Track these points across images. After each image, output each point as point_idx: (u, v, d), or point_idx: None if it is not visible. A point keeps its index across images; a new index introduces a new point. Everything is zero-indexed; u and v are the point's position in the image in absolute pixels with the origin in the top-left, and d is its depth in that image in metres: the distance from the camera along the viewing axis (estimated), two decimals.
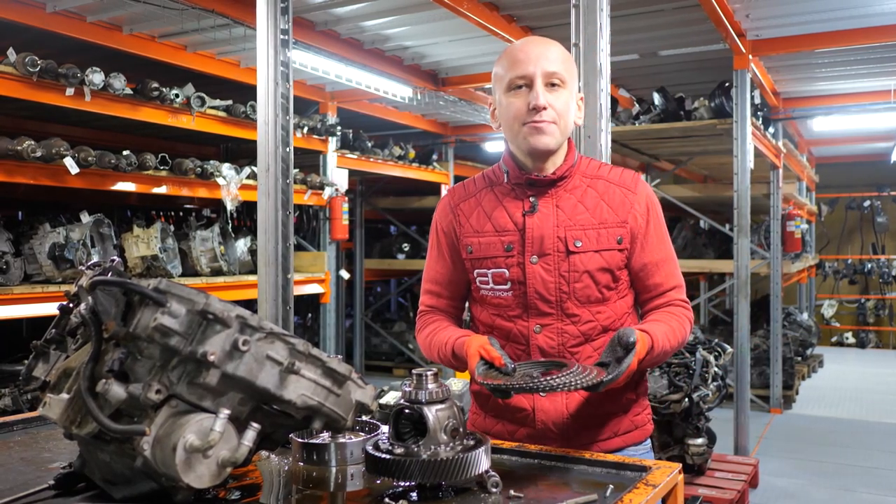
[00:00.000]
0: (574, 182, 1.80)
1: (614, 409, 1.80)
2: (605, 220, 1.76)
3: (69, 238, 4.31)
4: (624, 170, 1.86)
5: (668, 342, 1.70)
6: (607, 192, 1.79)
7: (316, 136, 6.29)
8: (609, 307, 1.78)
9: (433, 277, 1.92)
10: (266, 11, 3.22)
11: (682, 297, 1.83)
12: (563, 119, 1.75)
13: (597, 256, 1.74)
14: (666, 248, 1.82)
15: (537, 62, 1.73)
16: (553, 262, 1.74)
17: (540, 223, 1.75)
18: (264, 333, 1.22)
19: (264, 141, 3.24)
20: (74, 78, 4.06)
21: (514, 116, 1.75)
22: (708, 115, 5.72)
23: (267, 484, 1.49)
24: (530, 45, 1.77)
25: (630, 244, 1.78)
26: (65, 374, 1.28)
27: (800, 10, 4.93)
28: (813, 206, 10.92)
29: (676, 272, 1.84)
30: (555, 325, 1.75)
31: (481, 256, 1.81)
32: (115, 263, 1.38)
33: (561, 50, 1.79)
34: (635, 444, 1.84)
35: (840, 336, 12.46)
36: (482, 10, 4.57)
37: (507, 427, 1.83)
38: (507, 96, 1.76)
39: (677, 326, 1.76)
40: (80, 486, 1.34)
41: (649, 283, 1.81)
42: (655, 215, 1.81)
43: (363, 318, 9.26)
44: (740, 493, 4.39)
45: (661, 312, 1.80)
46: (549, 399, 1.77)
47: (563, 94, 1.75)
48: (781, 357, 7.15)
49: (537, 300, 1.75)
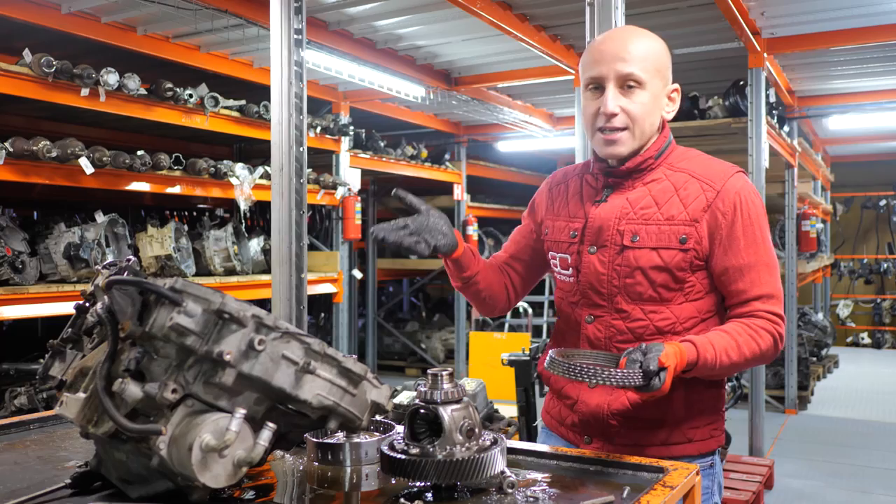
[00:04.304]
0: (655, 174, 1.72)
1: (659, 415, 1.70)
2: (672, 217, 1.66)
3: (84, 238, 4.34)
4: (719, 163, 1.73)
5: (726, 357, 1.56)
6: (685, 186, 1.69)
7: (329, 135, 6.30)
8: (669, 308, 1.68)
9: (512, 237, 2.01)
10: (280, 11, 3.22)
11: (770, 307, 1.65)
12: (637, 123, 1.68)
13: (653, 254, 1.66)
14: (757, 251, 1.66)
15: (611, 63, 1.66)
16: (609, 255, 1.71)
17: (603, 214, 1.73)
18: (280, 333, 1.22)
19: (278, 141, 3.25)
20: (89, 78, 4.09)
21: (587, 119, 1.74)
22: (722, 113, 5.69)
23: (281, 484, 1.49)
24: (608, 42, 1.71)
25: (704, 245, 1.65)
26: (81, 374, 1.28)
27: (815, 7, 4.89)
28: (828, 205, 10.84)
29: (767, 279, 1.66)
30: (605, 318, 1.73)
31: (553, 239, 1.84)
32: (130, 263, 1.39)
33: (644, 44, 1.70)
34: (688, 457, 1.70)
35: (855, 336, 12.36)
36: (495, 8, 4.55)
37: (563, 411, 1.84)
38: (584, 94, 1.74)
39: (747, 341, 1.60)
40: (97, 485, 1.35)
41: (732, 288, 1.67)
42: (745, 215, 1.66)
43: (376, 317, 9.26)
44: (755, 495, 4.36)
45: (734, 322, 1.65)
46: (593, 392, 1.74)
47: (639, 94, 1.67)
48: (796, 357, 7.11)
49: (590, 291, 1.74)
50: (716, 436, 1.77)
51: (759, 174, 5.47)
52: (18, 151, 3.87)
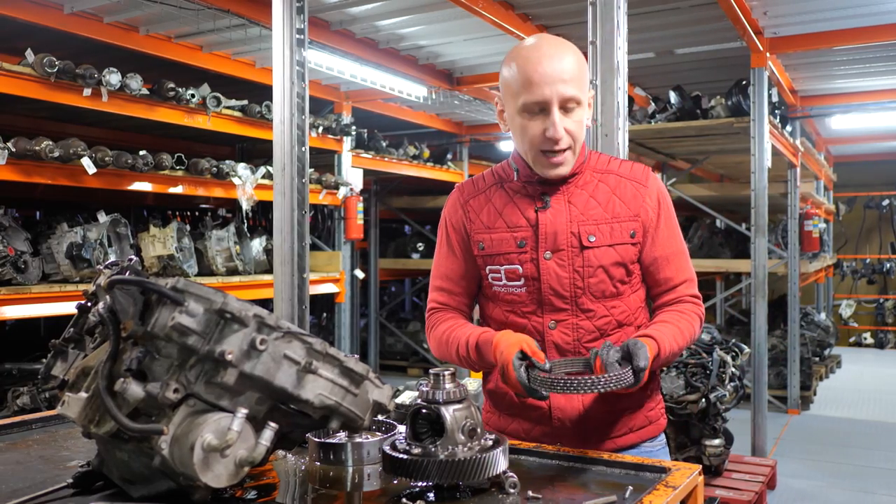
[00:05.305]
0: (585, 178, 1.78)
1: (629, 405, 1.79)
2: (617, 215, 1.75)
3: (86, 238, 4.34)
4: (634, 163, 1.84)
5: (675, 344, 1.68)
6: (619, 186, 1.77)
7: (331, 135, 6.30)
8: (623, 301, 1.77)
9: (444, 274, 1.88)
10: (282, 11, 3.23)
11: (693, 291, 1.81)
12: (578, 140, 1.72)
13: (611, 251, 1.73)
14: (677, 241, 1.81)
15: (553, 85, 1.63)
16: (567, 258, 1.73)
17: (553, 219, 1.74)
18: (282, 333, 1.22)
19: (280, 140, 3.25)
20: (92, 78, 4.09)
21: (529, 141, 1.70)
22: (725, 113, 5.68)
23: (283, 483, 1.49)
24: (545, 63, 1.65)
25: (642, 238, 1.76)
26: (83, 373, 1.28)
27: (818, 7, 4.88)
28: (831, 204, 10.83)
29: (687, 266, 1.82)
30: (570, 321, 1.74)
31: (493, 253, 1.79)
32: (132, 263, 1.39)
33: (574, 60, 1.68)
34: (650, 439, 1.83)
35: (858, 336, 12.34)
36: (497, 8, 4.56)
37: (522, 425, 1.82)
38: (520, 116, 1.69)
39: (686, 327, 1.74)
40: (98, 485, 1.35)
41: (659, 277, 1.80)
42: (666, 209, 1.80)
43: (378, 317, 9.27)
44: (758, 495, 4.35)
45: (670, 311, 1.78)
46: (565, 397, 1.76)
47: (578, 113, 1.69)
48: (799, 357, 7.09)
49: (552, 296, 1.74)
50: (662, 415, 1.89)
51: (762, 174, 5.46)
52: (21, 151, 3.87)
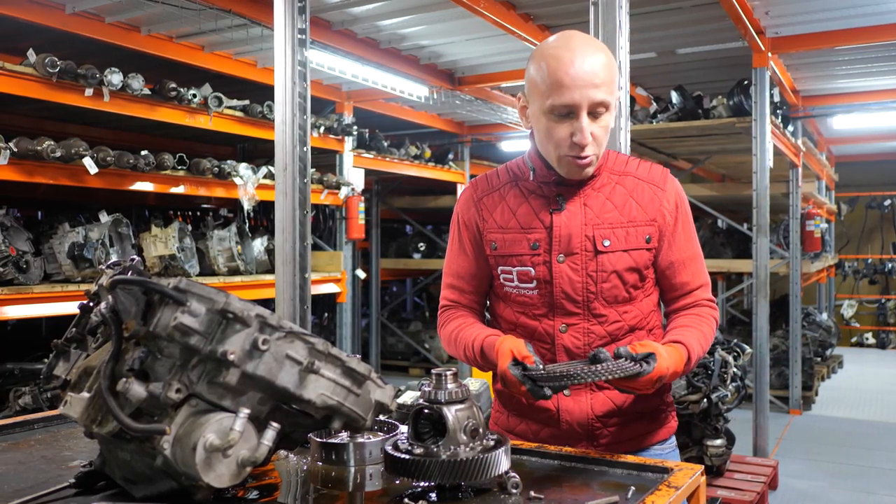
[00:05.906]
0: (602, 180, 1.74)
1: (639, 408, 1.77)
2: (633, 219, 1.72)
3: (88, 237, 4.34)
4: (653, 165, 1.80)
5: (701, 348, 1.68)
6: (636, 189, 1.74)
7: (332, 135, 6.30)
8: (636, 306, 1.75)
9: (455, 272, 1.86)
10: (283, 11, 3.22)
11: (708, 295, 1.80)
12: (602, 144, 1.68)
13: (625, 256, 1.70)
14: (693, 245, 1.78)
15: (584, 90, 1.58)
16: (581, 262, 1.70)
17: (567, 221, 1.71)
18: (284, 333, 1.22)
19: (282, 140, 3.25)
20: (93, 78, 4.09)
21: (555, 144, 1.65)
22: (726, 113, 5.67)
23: (285, 483, 1.49)
24: (577, 65, 1.59)
25: (658, 242, 1.74)
26: (85, 373, 1.28)
27: (820, 6, 4.87)
28: (832, 205, 10.81)
29: (703, 270, 1.80)
30: (581, 325, 1.72)
31: (506, 254, 1.76)
32: (134, 262, 1.39)
33: (606, 62, 1.63)
34: (660, 442, 1.82)
35: (860, 336, 12.32)
36: (499, 8, 4.55)
37: (530, 427, 1.80)
38: (546, 117, 1.64)
39: (707, 330, 1.73)
40: (101, 485, 1.35)
41: (676, 281, 1.77)
42: (684, 212, 1.77)
43: (379, 317, 9.27)
44: (760, 495, 4.35)
45: (689, 316, 1.76)
46: (573, 399, 1.75)
47: (605, 118, 1.65)
48: (801, 358, 7.08)
49: (563, 300, 1.71)
50: (673, 417, 1.88)
51: (764, 174, 5.46)
52: (22, 151, 3.87)
